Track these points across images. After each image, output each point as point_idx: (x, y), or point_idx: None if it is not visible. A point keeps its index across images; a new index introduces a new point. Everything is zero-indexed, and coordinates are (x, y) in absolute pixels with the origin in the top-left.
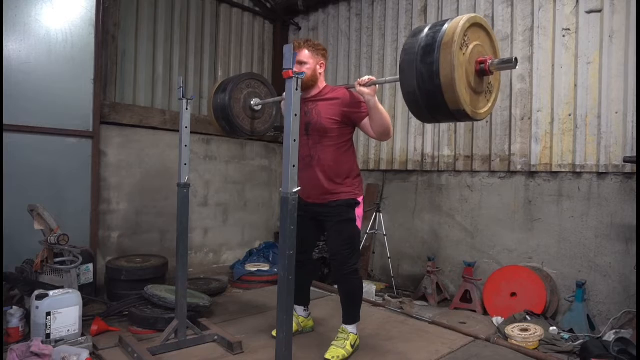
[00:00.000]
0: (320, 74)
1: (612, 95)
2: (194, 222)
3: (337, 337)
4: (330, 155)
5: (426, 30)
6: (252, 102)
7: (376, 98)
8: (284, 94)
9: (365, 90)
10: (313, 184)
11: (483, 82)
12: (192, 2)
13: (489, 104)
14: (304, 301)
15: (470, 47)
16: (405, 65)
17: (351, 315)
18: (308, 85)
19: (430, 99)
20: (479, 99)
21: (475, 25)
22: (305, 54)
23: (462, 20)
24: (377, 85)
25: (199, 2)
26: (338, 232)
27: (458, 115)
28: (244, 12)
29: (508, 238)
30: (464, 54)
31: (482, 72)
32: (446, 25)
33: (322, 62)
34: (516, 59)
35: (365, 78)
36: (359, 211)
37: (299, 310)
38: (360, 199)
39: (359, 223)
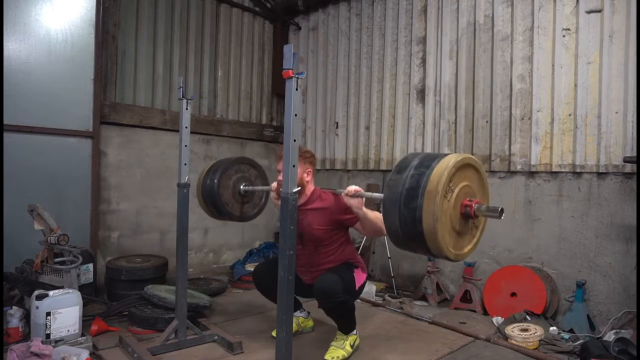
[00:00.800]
0: (307, 181)
1: (612, 95)
2: (194, 222)
3: (337, 338)
4: (329, 258)
5: (412, 169)
6: (241, 188)
7: (364, 209)
8: (273, 184)
9: (352, 202)
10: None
11: (468, 223)
12: (192, 2)
13: (475, 239)
14: (296, 306)
15: (456, 191)
16: (389, 204)
17: (346, 328)
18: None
19: (412, 241)
20: (463, 239)
21: (463, 166)
22: None
23: (449, 165)
24: (364, 199)
25: (199, 2)
26: (331, 272)
27: (440, 257)
28: (244, 12)
29: (508, 238)
30: (448, 200)
31: (467, 215)
32: (433, 166)
33: (309, 169)
34: (502, 209)
35: (352, 189)
36: (358, 273)
37: (297, 311)
38: (360, 269)
39: (357, 279)
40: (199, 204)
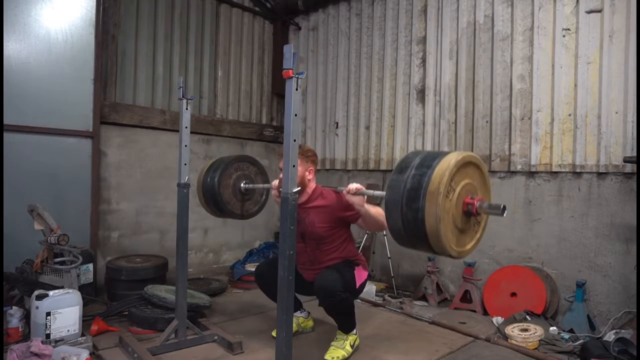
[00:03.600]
0: (309, 180)
1: (612, 95)
2: (194, 222)
3: (337, 338)
4: (331, 256)
5: (413, 169)
6: (241, 186)
7: (365, 206)
8: (274, 182)
9: (354, 199)
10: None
11: (470, 220)
12: (192, 2)
13: (477, 236)
14: (296, 306)
15: (458, 189)
16: (391, 205)
17: (346, 327)
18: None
19: (416, 240)
20: (465, 236)
21: (465, 164)
22: None
23: (451, 164)
24: (366, 196)
25: (199, 2)
26: (332, 269)
27: (443, 255)
28: (244, 12)
29: (508, 238)
30: (450, 200)
31: (469, 213)
32: (434, 166)
33: (311, 168)
34: (504, 207)
35: (353, 187)
36: (358, 271)
37: (297, 311)
38: (361, 267)
39: (357, 277)
40: (200, 203)
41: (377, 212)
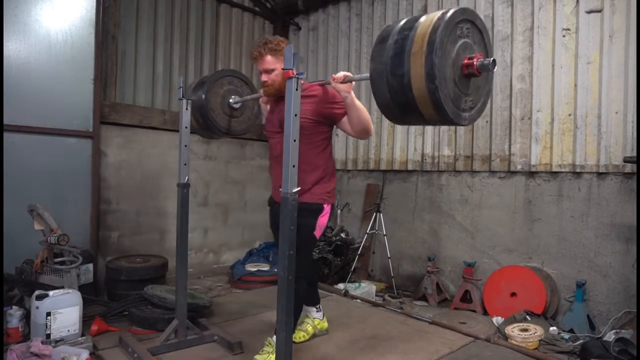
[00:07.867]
0: None
1: (612, 95)
2: (194, 222)
3: (262, 351)
4: (303, 153)
5: (395, 34)
6: (230, 100)
7: (353, 95)
8: (262, 90)
9: (341, 87)
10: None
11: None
12: (192, 2)
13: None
14: (314, 300)
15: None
16: (376, 76)
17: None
18: (282, 91)
19: (406, 110)
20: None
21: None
22: (268, 61)
23: (433, 21)
24: (354, 82)
25: (199, 2)
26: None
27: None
28: (244, 12)
29: (508, 238)
30: None
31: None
32: (416, 27)
33: None
34: (494, 60)
35: (341, 74)
36: (322, 220)
37: (312, 311)
38: (327, 207)
39: (317, 232)
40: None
41: (363, 107)
